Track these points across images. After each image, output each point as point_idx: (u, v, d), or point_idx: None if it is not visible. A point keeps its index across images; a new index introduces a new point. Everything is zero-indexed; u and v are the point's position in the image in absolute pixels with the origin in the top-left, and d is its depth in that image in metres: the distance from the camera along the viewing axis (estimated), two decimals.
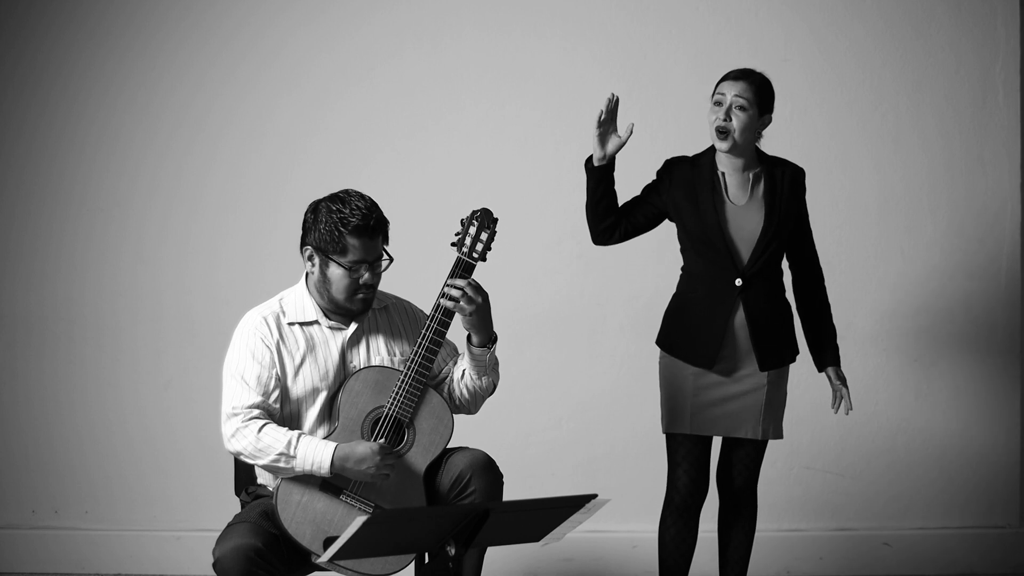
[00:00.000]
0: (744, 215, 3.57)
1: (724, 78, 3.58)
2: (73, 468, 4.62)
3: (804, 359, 4.61)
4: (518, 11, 4.57)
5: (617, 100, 3.50)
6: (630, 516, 3.88)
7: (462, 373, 3.29)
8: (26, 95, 4.59)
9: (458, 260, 3.21)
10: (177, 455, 4.58)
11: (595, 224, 3.62)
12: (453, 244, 3.22)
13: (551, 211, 4.56)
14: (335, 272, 3.17)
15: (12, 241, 4.62)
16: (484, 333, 3.22)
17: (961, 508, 4.60)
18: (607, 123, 3.50)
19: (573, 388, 4.59)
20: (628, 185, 3.79)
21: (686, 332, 3.61)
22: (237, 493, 3.38)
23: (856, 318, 4.56)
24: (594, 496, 2.76)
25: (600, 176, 3.55)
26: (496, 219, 3.24)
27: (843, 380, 3.71)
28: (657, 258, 4.18)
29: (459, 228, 3.23)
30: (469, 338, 3.24)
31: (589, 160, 3.56)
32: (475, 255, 3.21)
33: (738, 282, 3.54)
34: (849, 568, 4.54)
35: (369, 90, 4.59)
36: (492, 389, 3.33)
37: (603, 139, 3.52)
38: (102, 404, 4.61)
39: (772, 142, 4.31)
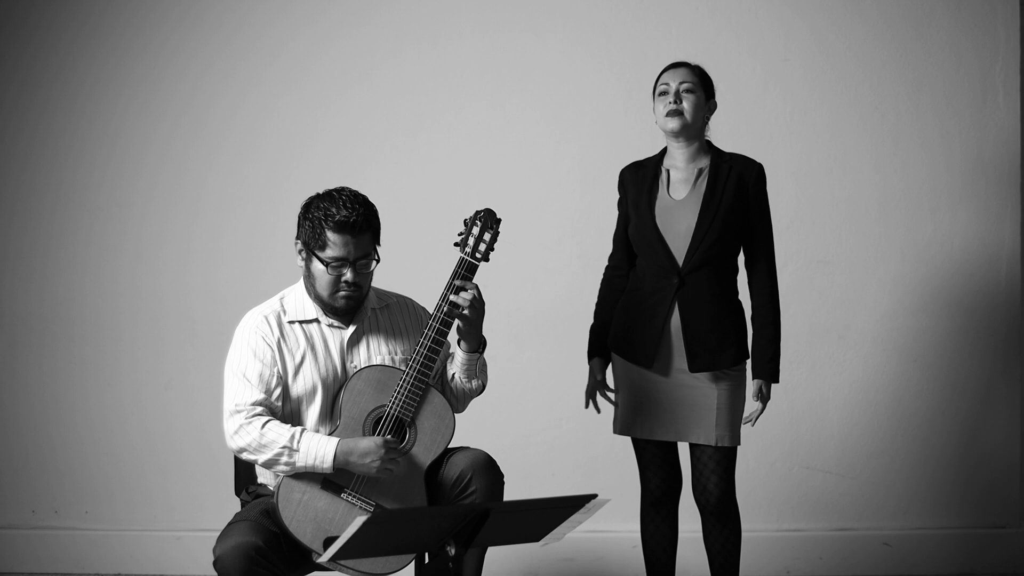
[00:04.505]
0: (680, 210, 3.52)
1: (663, 71, 3.60)
2: (73, 468, 4.61)
3: (802, 360, 4.62)
4: (518, 11, 4.57)
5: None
6: (630, 516, 3.86)
7: (451, 376, 3.32)
8: (26, 95, 4.59)
9: (461, 260, 3.21)
10: (177, 455, 4.58)
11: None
12: (456, 244, 3.22)
13: (551, 211, 4.56)
14: (317, 268, 3.17)
15: (12, 241, 4.62)
16: (476, 340, 3.26)
17: (961, 508, 4.60)
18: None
19: (573, 388, 4.57)
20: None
21: (628, 331, 3.60)
22: (237, 493, 3.38)
23: (856, 318, 4.56)
24: (594, 496, 2.76)
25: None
26: (499, 219, 3.24)
27: (762, 398, 3.57)
28: None
29: (461, 228, 3.23)
30: (458, 343, 3.27)
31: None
32: (478, 255, 3.21)
33: (675, 280, 3.51)
34: (849, 568, 4.54)
35: (369, 90, 4.59)
36: (481, 390, 3.36)
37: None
38: (102, 404, 4.60)
39: (774, 141, 4.31)
